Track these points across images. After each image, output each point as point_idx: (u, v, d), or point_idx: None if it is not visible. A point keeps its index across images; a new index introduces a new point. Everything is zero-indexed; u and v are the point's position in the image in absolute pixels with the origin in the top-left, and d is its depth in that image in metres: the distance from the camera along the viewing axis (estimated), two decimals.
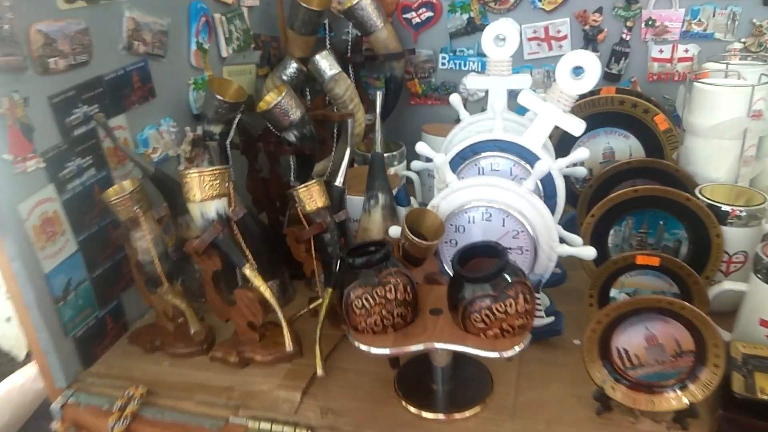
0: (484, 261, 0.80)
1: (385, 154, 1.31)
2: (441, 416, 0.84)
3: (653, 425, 0.80)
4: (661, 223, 1.01)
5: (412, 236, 0.88)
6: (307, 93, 1.44)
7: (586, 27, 1.41)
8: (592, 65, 0.91)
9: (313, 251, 1.04)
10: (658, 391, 0.81)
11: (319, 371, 0.92)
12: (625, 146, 1.23)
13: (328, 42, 1.52)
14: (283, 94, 1.13)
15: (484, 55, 1.07)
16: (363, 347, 0.79)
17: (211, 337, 1.04)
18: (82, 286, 0.99)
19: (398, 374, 0.92)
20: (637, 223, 1.03)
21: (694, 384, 0.79)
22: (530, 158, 0.96)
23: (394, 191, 1.13)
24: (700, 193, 1.01)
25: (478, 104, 1.54)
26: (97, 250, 1.02)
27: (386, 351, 0.78)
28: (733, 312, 0.92)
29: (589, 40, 1.42)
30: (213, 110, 1.17)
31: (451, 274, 0.87)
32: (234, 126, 1.19)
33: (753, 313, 0.87)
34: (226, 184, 0.94)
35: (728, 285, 0.91)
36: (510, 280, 0.76)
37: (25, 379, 1.01)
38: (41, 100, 0.90)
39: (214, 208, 0.93)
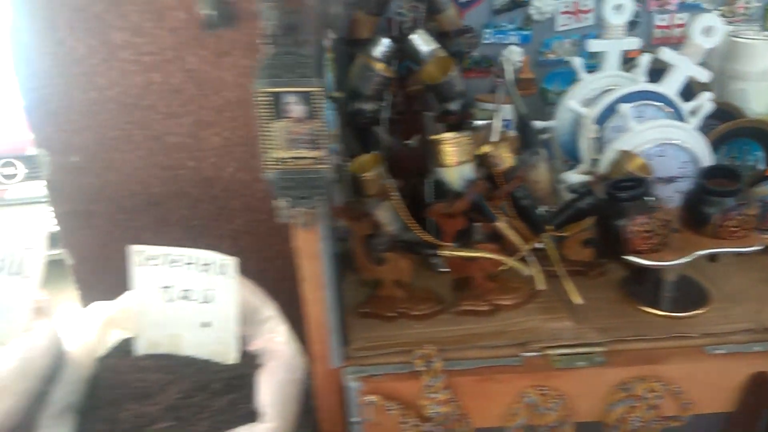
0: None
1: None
2: (678, 314, 1.07)
3: None
4: (745, 147, 1.34)
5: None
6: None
7: None
8: (719, 25, 1.18)
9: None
10: None
11: (578, 299, 1.07)
12: None
13: (389, 21, 1.59)
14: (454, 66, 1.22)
15: (524, 29, 1.30)
16: (655, 263, 0.97)
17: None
18: None
19: (630, 293, 1.11)
20: (728, 150, 1.35)
21: None
22: (668, 103, 1.22)
23: None
24: None
25: None
26: None
27: (677, 262, 0.98)
28: None
29: None
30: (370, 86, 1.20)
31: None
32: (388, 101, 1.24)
33: None
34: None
35: None
36: (746, 190, 1.01)
37: (286, 371, 0.99)
38: None
39: (469, 169, 1.01)
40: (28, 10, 1.32)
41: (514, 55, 1.60)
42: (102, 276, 1.51)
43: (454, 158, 1.00)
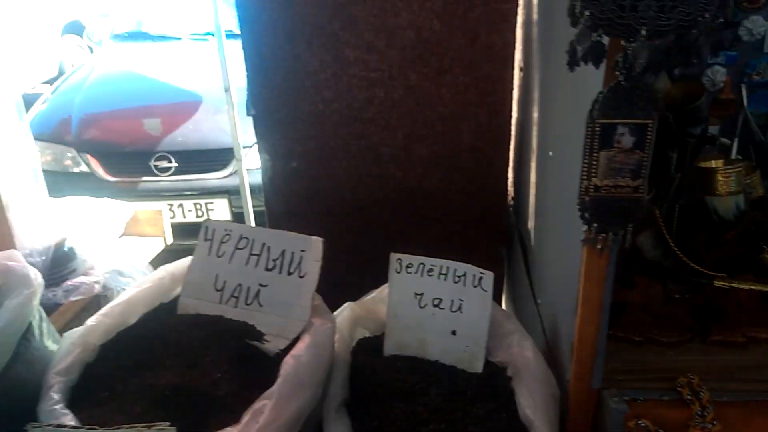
0: None
1: None
2: None
3: None
4: None
5: None
6: None
7: None
8: None
9: None
10: None
11: None
12: None
13: None
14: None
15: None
16: None
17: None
18: None
19: None
20: None
21: None
22: None
23: None
24: None
25: None
26: None
27: None
28: None
29: None
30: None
31: None
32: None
33: None
34: None
35: None
36: None
37: None
38: None
39: (741, 199, 1.01)
40: (272, 26, 1.44)
41: (717, 76, 1.56)
42: None
43: (726, 187, 0.99)
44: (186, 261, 1.20)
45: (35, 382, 0.96)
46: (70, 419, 0.88)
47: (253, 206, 3.73)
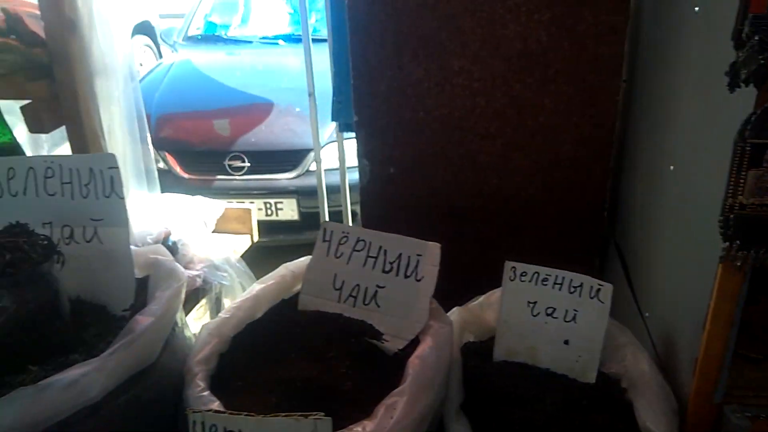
0: None
1: None
2: None
3: None
4: None
5: None
6: None
7: None
8: None
9: None
10: None
11: None
12: None
13: None
14: None
15: None
16: None
17: None
18: None
19: None
20: None
21: None
22: None
23: None
24: None
25: None
26: None
27: None
28: None
29: None
30: None
31: None
32: None
33: None
34: None
35: None
36: None
37: None
38: None
39: None
40: (380, 36, 1.49)
41: None
42: None
43: None
44: (305, 260, 1.25)
45: (178, 371, 1.03)
46: (218, 406, 0.94)
47: (312, 207, 3.81)
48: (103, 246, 1.05)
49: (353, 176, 3.35)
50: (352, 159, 3.31)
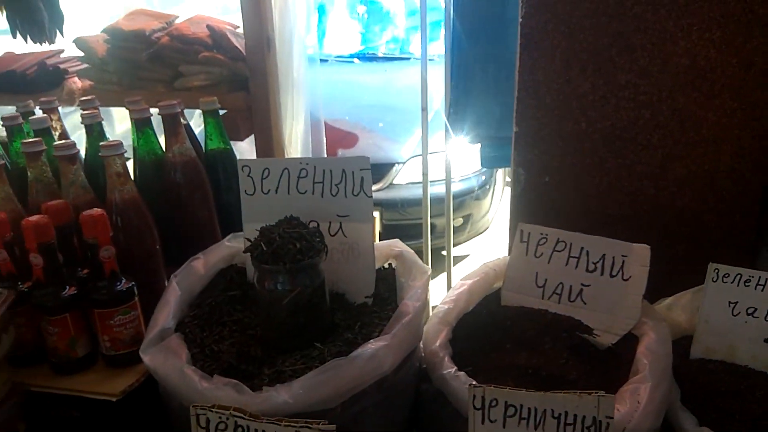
0: None
1: None
2: None
3: None
4: None
5: None
6: None
7: None
8: None
9: None
10: None
11: None
12: None
13: None
14: None
15: None
16: None
17: None
18: None
19: None
20: None
21: None
22: None
23: None
24: None
25: None
26: None
27: None
28: None
29: None
30: None
31: None
32: None
33: None
34: None
35: None
36: None
37: None
38: None
39: None
40: (550, 52, 1.58)
41: None
42: None
43: None
44: (503, 259, 1.34)
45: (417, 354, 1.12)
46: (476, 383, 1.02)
47: (394, 220, 3.91)
48: (347, 239, 1.14)
49: (435, 190, 3.40)
50: (435, 173, 3.37)
